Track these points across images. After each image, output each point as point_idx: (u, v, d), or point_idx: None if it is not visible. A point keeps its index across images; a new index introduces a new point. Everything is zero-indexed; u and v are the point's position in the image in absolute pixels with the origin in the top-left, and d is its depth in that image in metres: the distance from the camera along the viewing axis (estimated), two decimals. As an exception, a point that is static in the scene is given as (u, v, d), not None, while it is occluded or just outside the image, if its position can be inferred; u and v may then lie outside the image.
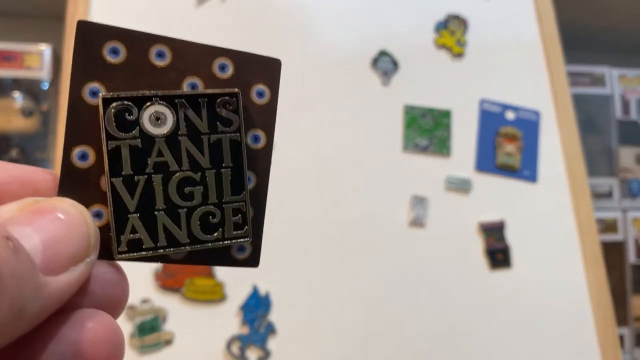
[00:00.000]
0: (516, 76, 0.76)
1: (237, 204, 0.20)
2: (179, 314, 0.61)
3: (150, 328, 0.59)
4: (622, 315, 1.05)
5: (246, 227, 0.20)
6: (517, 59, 0.77)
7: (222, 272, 0.63)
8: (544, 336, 0.67)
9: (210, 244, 0.20)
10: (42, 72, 0.90)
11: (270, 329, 0.62)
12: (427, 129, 0.72)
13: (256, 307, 0.62)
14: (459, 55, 0.76)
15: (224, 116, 0.20)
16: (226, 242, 0.20)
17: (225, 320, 0.62)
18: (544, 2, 0.80)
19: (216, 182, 0.20)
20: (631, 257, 1.07)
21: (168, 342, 0.60)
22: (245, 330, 0.61)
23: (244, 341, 0.61)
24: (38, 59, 0.90)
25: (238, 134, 0.20)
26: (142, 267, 0.58)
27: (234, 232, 0.20)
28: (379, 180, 0.69)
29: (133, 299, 0.60)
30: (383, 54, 0.73)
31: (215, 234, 0.20)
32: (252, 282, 0.63)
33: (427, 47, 0.75)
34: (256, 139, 0.21)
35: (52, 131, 0.91)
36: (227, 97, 0.20)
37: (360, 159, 0.70)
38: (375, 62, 0.73)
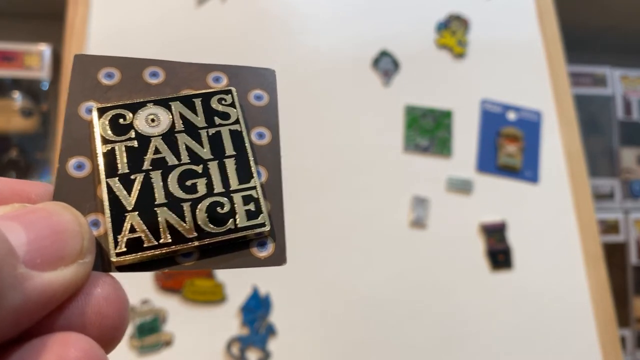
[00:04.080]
0: (517, 76, 0.76)
1: (247, 191, 0.19)
2: (179, 315, 0.61)
3: (150, 329, 0.59)
4: (623, 316, 1.05)
5: (261, 214, 0.18)
6: (519, 59, 0.77)
7: (223, 273, 0.62)
8: (545, 337, 0.67)
9: (220, 237, 0.18)
10: (42, 72, 0.90)
11: (271, 330, 0.61)
12: (428, 130, 0.71)
13: (256, 308, 0.62)
14: (460, 55, 0.75)
15: (220, 111, 0.20)
16: (240, 232, 0.18)
17: (225, 321, 0.61)
18: (545, 2, 0.80)
19: (220, 172, 0.19)
20: (633, 258, 1.06)
21: (167, 343, 0.59)
22: (245, 332, 0.61)
23: (244, 342, 0.61)
24: (38, 59, 0.90)
25: (238, 124, 0.20)
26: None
27: (248, 222, 0.18)
28: (380, 181, 0.69)
29: (133, 299, 0.59)
30: (384, 54, 0.73)
31: (226, 225, 0.18)
32: (252, 283, 0.63)
33: (428, 47, 0.75)
34: (261, 135, 0.20)
35: (52, 131, 0.91)
36: (221, 94, 0.20)
37: (360, 160, 0.69)
38: (376, 62, 0.73)
